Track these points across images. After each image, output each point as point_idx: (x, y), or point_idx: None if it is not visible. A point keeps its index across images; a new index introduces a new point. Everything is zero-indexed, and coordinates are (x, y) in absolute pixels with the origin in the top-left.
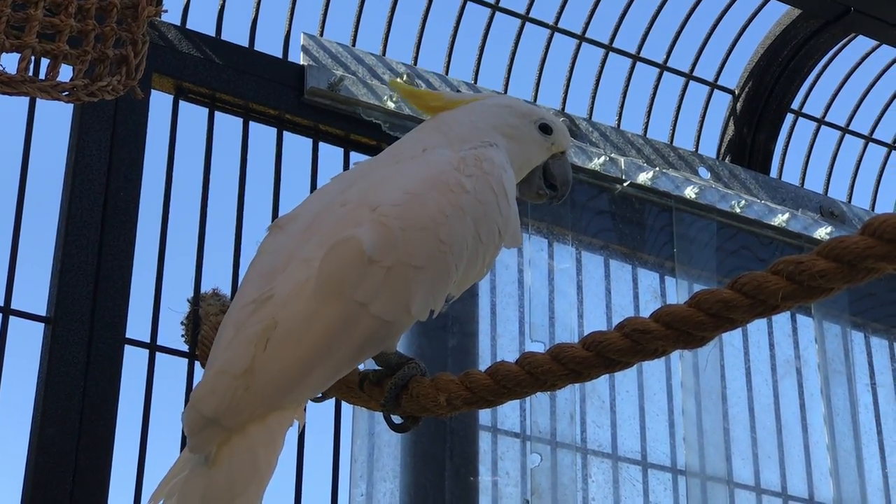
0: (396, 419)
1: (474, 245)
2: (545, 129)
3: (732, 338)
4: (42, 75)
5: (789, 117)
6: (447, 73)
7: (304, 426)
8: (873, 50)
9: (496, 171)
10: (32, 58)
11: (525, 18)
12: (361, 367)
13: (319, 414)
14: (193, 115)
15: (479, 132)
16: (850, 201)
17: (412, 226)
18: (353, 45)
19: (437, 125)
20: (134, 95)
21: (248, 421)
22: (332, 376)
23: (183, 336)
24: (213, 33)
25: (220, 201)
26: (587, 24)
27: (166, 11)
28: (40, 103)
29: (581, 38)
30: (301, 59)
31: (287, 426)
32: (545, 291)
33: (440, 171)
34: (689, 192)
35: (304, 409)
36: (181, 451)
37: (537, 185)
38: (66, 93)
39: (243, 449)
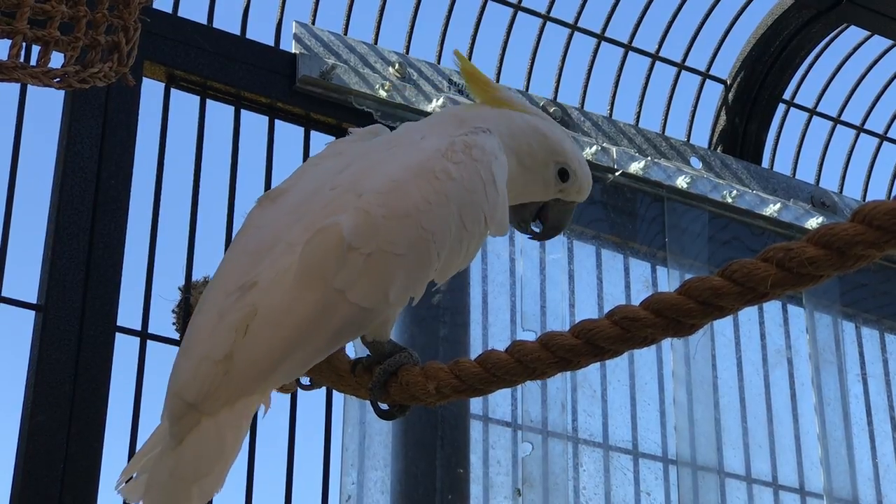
0: (384, 406)
1: (458, 233)
2: (563, 175)
3: (723, 328)
4: (33, 62)
5: (781, 107)
6: (439, 62)
7: (268, 410)
8: (865, 40)
9: (486, 158)
10: (24, 44)
11: (517, 7)
12: (353, 354)
13: (310, 402)
14: (185, 102)
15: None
16: (841, 191)
17: (394, 213)
18: (345, 33)
19: (464, 118)
20: (126, 82)
21: (224, 406)
22: (309, 362)
23: (174, 324)
24: (204, 21)
25: (212, 189)
26: (579, 13)
27: None
28: (31, 91)
29: (573, 27)
30: (293, 48)
31: (254, 410)
32: (536, 281)
33: (426, 157)
34: (681, 182)
35: (270, 394)
36: None
37: (524, 216)
38: (58, 79)
39: (212, 431)
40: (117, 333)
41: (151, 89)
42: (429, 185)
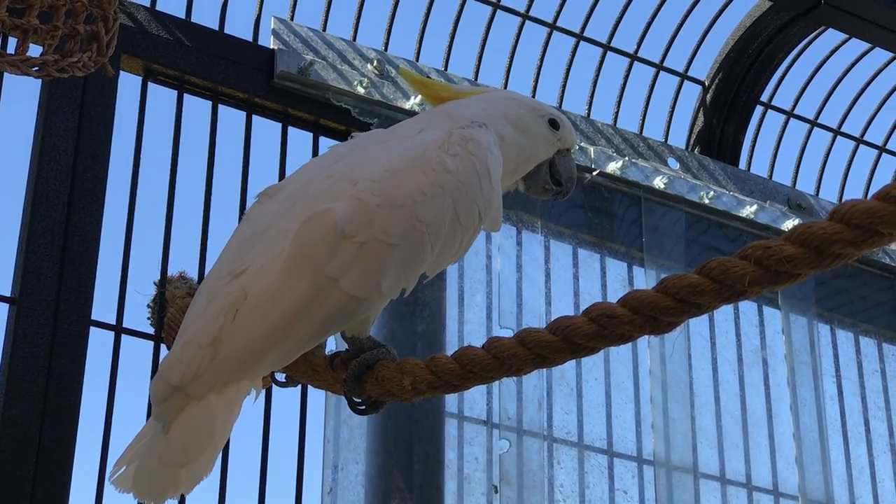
0: (357, 401)
1: (452, 225)
2: (553, 124)
3: (700, 327)
4: (11, 52)
5: (759, 109)
6: (418, 60)
7: (259, 394)
8: (843, 43)
9: (482, 152)
10: (1, 33)
11: (496, 6)
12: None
13: (289, 395)
14: (162, 97)
15: (489, 119)
16: (817, 194)
17: (389, 202)
18: (324, 29)
19: (447, 109)
20: (104, 72)
21: (211, 390)
22: (297, 350)
23: (149, 318)
24: (182, 15)
25: (189, 184)
26: (558, 12)
27: None
28: (7, 82)
29: (552, 26)
30: (271, 43)
31: (245, 395)
32: (514, 278)
33: (424, 149)
34: (658, 183)
35: (262, 379)
36: None
37: (543, 179)
38: (36, 68)
39: (202, 417)
40: (91, 327)
41: (128, 83)
42: (424, 177)
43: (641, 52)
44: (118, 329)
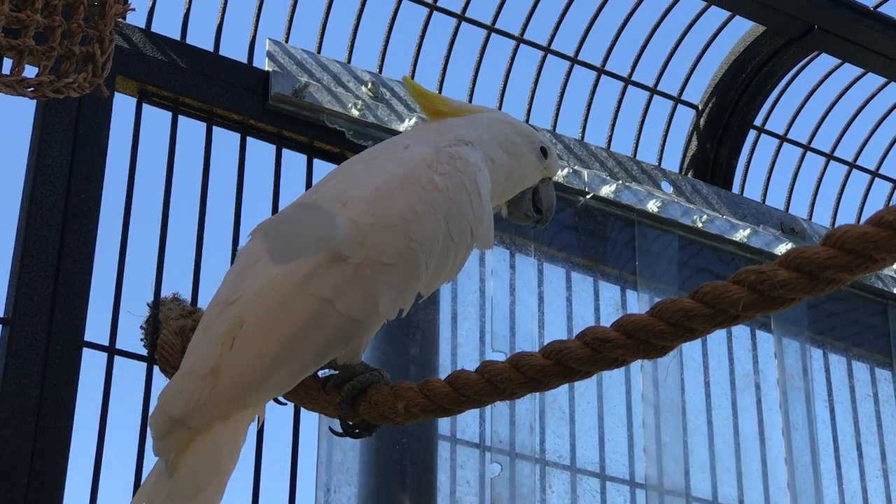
0: (351, 424)
1: (445, 244)
2: (543, 152)
3: (692, 351)
4: (6, 72)
5: (752, 133)
6: None
7: (263, 422)
8: (836, 68)
9: (470, 170)
10: None
11: (491, 29)
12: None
13: (282, 416)
14: (157, 118)
15: (480, 141)
16: (810, 218)
17: (382, 222)
18: (319, 52)
19: (438, 128)
20: (100, 93)
21: (214, 421)
22: (298, 375)
23: (142, 340)
24: (178, 37)
25: (182, 206)
26: (553, 36)
27: (133, 10)
28: (2, 102)
29: (547, 49)
30: (266, 65)
31: (249, 422)
32: (507, 302)
33: (412, 167)
34: (652, 206)
35: (264, 405)
36: (137, 455)
37: (526, 206)
38: (32, 89)
39: (208, 446)
40: (84, 348)
41: (123, 104)
42: (415, 195)
43: (635, 75)
44: (111, 350)
